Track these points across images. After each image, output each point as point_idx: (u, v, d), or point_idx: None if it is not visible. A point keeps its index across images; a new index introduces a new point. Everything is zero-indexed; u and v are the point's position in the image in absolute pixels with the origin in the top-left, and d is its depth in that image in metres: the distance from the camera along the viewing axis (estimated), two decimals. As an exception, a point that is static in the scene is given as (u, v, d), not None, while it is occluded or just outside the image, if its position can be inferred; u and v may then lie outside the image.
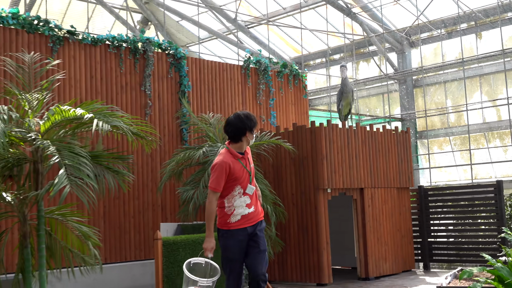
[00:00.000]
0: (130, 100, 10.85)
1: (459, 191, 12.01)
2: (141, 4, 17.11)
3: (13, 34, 9.55)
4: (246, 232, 5.46)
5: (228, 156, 5.48)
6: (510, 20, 15.32)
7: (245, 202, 5.50)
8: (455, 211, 11.89)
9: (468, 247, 11.56)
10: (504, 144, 16.00)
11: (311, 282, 10.21)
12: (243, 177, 5.50)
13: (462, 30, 15.99)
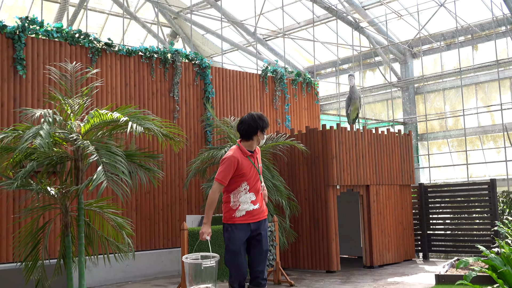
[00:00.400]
0: (160, 105, 10.92)
1: (456, 188, 11.96)
2: (170, 19, 17.21)
3: (57, 46, 9.66)
4: (249, 228, 5.22)
5: (237, 152, 5.29)
6: (503, 34, 15.25)
7: (251, 198, 5.25)
8: (452, 206, 11.84)
9: (464, 239, 11.51)
10: (498, 146, 15.90)
11: (321, 269, 10.21)
12: (251, 174, 5.28)
13: (459, 43, 15.93)
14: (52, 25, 9.69)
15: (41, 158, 5.99)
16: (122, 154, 5.91)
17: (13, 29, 9.13)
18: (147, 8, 17.25)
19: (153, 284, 9.41)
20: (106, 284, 9.62)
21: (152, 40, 17.40)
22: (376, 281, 9.00)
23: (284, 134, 10.70)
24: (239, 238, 5.18)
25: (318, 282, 9.01)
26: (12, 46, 9.14)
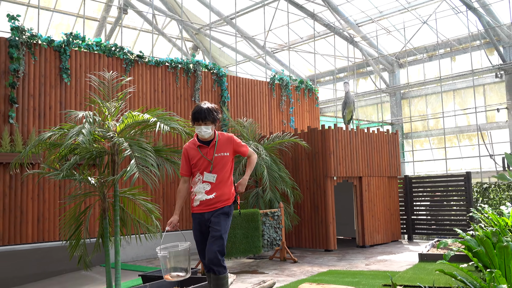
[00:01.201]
0: (184, 107, 10.94)
1: (436, 180, 11.93)
2: (192, 35, 17.22)
3: (97, 58, 9.70)
4: (204, 218, 4.47)
5: (190, 143, 4.64)
6: (478, 47, 15.17)
7: (204, 188, 4.45)
8: (433, 195, 11.80)
9: (443, 223, 11.47)
10: (472, 144, 15.82)
11: (320, 248, 10.20)
12: (200, 164, 4.48)
13: (440, 55, 15.87)
14: (92, 39, 9.74)
15: (83, 153, 6.01)
16: (151, 149, 5.92)
17: (59, 43, 9.18)
18: (173, 26, 17.27)
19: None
20: (137, 259, 9.67)
21: (177, 53, 17.43)
22: (368, 258, 8.98)
23: (289, 133, 10.70)
24: (195, 228, 4.57)
25: (317, 259, 9.01)
26: (58, 57, 9.19)
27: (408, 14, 15.68)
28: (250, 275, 7.53)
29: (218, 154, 4.50)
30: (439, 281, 6.16)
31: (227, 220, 4.44)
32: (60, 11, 15.00)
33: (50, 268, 8.46)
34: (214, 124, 4.47)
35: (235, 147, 4.59)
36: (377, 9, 15.73)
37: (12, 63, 8.60)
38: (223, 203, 4.45)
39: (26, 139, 8.59)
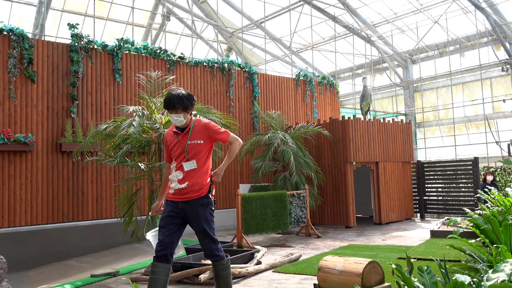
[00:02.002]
0: (220, 102, 10.98)
1: (446, 164, 11.67)
2: (227, 38, 17.21)
3: (144, 59, 9.80)
4: (177, 206, 3.70)
5: (169, 129, 3.94)
6: (486, 44, 14.67)
7: (177, 177, 3.72)
8: (443, 178, 11.56)
9: (453, 203, 11.23)
10: (480, 132, 15.38)
11: (341, 225, 10.14)
12: (175, 152, 3.81)
13: (450, 51, 15.43)
14: (140, 44, 9.85)
15: (133, 142, 6.11)
16: (192, 138, 5.97)
17: (112, 48, 9.32)
18: (209, 30, 17.29)
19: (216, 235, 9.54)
20: (181, 234, 9.80)
21: (213, 54, 17.46)
22: (384, 234, 8.88)
23: (312, 123, 10.63)
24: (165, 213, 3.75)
25: (339, 235, 8.97)
26: (112, 60, 9.32)
27: (420, 15, 15.29)
28: (279, 248, 7.56)
29: (191, 142, 3.77)
30: (449, 255, 6.06)
31: (205, 210, 3.72)
32: (112, 19, 15.20)
33: (108, 241, 8.67)
34: (186, 111, 3.75)
35: (211, 134, 3.81)
36: (392, 10, 15.38)
37: (72, 65, 8.78)
38: (196, 194, 3.69)
39: (86, 130, 8.78)
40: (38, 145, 8.30)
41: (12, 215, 7.94)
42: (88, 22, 14.49)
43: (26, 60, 8.24)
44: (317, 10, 15.09)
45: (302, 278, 5.32)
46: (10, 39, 8.16)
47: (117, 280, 5.65)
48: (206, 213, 3.70)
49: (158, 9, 15.67)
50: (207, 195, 3.76)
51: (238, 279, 5.39)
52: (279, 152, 9.82)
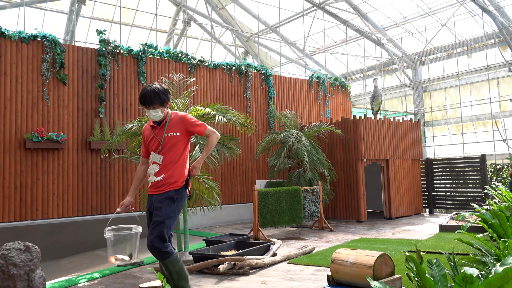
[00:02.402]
0: (237, 102, 10.98)
1: (454, 162, 11.47)
2: (244, 42, 17.20)
3: (167, 63, 9.85)
4: (152, 199, 3.56)
5: (147, 124, 3.72)
6: (492, 45, 14.37)
7: (154, 170, 3.53)
8: (451, 175, 11.36)
9: (461, 199, 11.03)
10: (487, 130, 15.09)
11: (353, 219, 10.06)
12: (151, 145, 3.60)
13: (458, 53, 15.16)
14: (163, 48, 9.90)
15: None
16: (212, 137, 5.98)
17: (137, 52, 9.38)
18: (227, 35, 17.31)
19: (233, 228, 9.56)
20: (201, 227, 9.86)
21: (231, 57, 17.48)
22: (394, 228, 8.78)
23: (325, 123, 10.56)
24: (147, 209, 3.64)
25: (350, 228, 8.90)
26: (137, 63, 9.40)
27: (429, 18, 15.05)
28: (294, 241, 7.53)
29: (168, 134, 3.55)
30: (457, 248, 5.95)
31: (171, 205, 3.45)
32: (137, 26, 15.32)
33: (133, 233, 8.75)
34: (163, 106, 3.54)
35: (187, 126, 3.58)
36: (401, 14, 15.17)
37: (100, 69, 8.87)
38: (170, 186, 3.48)
39: (113, 129, 8.86)
40: (69, 143, 8.42)
41: (45, 208, 8.07)
42: (114, 28, 14.64)
43: (58, 64, 8.36)
44: (329, 15, 14.97)
45: (315, 270, 5.29)
46: (44, 44, 8.28)
47: (142, 269, 5.70)
48: (171, 207, 3.44)
49: (180, 15, 15.75)
50: (183, 188, 3.53)
51: (255, 270, 5.38)
52: (294, 150, 9.78)
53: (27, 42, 8.12)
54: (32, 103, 8.09)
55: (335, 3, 14.61)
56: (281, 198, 8.15)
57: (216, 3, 15.82)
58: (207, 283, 4.82)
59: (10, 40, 7.98)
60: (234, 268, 5.21)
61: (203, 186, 6.38)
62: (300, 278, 4.90)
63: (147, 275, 5.37)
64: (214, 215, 10.00)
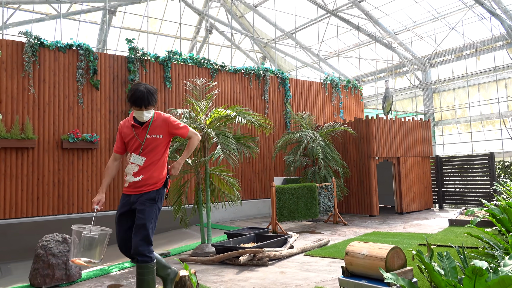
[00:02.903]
0: (256, 104, 10.99)
1: (463, 159, 11.23)
2: (261, 48, 17.19)
3: (190, 68, 9.92)
4: (129, 199, 3.28)
5: (126, 120, 3.40)
6: (500, 47, 14.00)
7: (132, 170, 3.27)
8: (461, 172, 11.12)
9: (470, 195, 10.79)
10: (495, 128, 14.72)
11: (365, 214, 9.95)
12: (132, 145, 3.32)
13: (466, 55, 14.83)
14: (187, 55, 9.97)
15: (182, 140, 6.19)
16: (232, 137, 6.00)
17: (163, 58, 9.48)
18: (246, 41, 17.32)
19: (253, 221, 9.57)
20: (223, 221, 9.90)
21: (250, 62, 17.48)
22: (405, 222, 8.65)
23: (339, 123, 10.47)
24: (119, 209, 3.33)
25: (363, 223, 8.81)
26: (162, 69, 9.49)
27: (438, 22, 14.76)
28: (309, 234, 7.49)
29: (150, 136, 3.31)
30: (467, 242, 5.83)
31: (153, 206, 3.26)
32: (163, 34, 15.47)
33: (160, 226, 8.83)
34: (154, 106, 3.33)
35: (170, 129, 3.37)
36: (411, 19, 14.92)
37: (129, 74, 8.99)
38: (150, 187, 3.28)
39: (141, 130, 8.95)
40: (102, 143, 8.56)
41: (80, 202, 8.23)
42: (142, 37, 14.81)
43: (91, 71, 8.51)
44: (342, 21, 14.84)
45: (330, 261, 5.25)
46: (78, 53, 8.44)
47: (169, 260, 5.76)
48: (153, 208, 3.24)
49: (202, 24, 15.83)
50: (162, 187, 3.36)
51: (274, 261, 5.38)
52: (309, 149, 9.73)
53: (63, 51, 8.29)
54: (68, 107, 8.26)
55: (347, 9, 14.47)
56: (298, 194, 8.12)
57: (236, 12, 15.85)
58: (229, 273, 4.83)
59: (48, 50, 8.16)
60: (253, 259, 5.21)
61: (224, 183, 6.41)
62: (316, 269, 4.87)
63: (173, 265, 5.42)
64: (234, 210, 10.03)
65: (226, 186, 6.42)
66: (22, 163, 7.72)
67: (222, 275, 4.74)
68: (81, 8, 12.72)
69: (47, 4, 12.08)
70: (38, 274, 4.47)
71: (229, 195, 6.41)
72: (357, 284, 3.72)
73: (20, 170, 7.68)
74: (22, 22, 12.02)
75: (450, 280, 2.74)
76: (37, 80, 8.02)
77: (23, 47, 7.90)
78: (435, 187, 11.37)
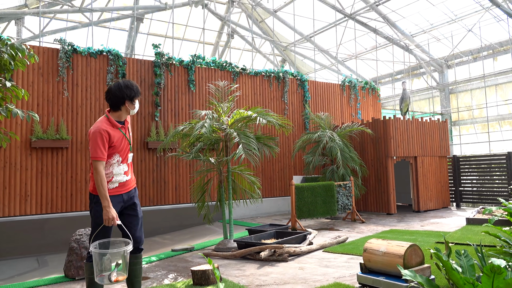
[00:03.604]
0: (276, 106, 10.97)
1: (481, 158, 10.91)
2: (281, 51, 17.15)
3: (213, 71, 9.99)
4: (121, 199, 3.17)
5: (106, 124, 3.13)
6: (518, 48, 13.55)
7: (124, 170, 3.18)
8: (478, 171, 10.82)
9: (487, 194, 10.49)
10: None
11: (383, 212, 9.80)
12: (122, 145, 3.19)
13: (483, 56, 14.41)
14: (209, 58, 10.03)
15: (205, 140, 6.23)
16: (253, 137, 6.00)
17: (187, 62, 9.57)
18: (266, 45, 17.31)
19: (273, 218, 9.56)
20: (244, 217, 9.92)
21: (270, 65, 17.46)
22: (422, 221, 8.48)
23: (356, 123, 10.34)
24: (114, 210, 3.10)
25: (381, 220, 8.67)
26: (187, 72, 9.58)
27: (455, 24, 14.39)
28: (328, 231, 7.43)
29: (130, 133, 3.35)
30: (484, 240, 5.67)
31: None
32: (187, 39, 15.63)
33: (184, 222, 8.93)
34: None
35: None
36: (428, 22, 14.60)
37: (156, 78, 9.12)
38: (134, 183, 3.32)
39: (167, 131, 9.08)
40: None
41: (110, 199, 8.37)
42: (168, 42, 15.01)
43: (120, 75, 8.67)
44: (360, 24, 14.67)
45: (349, 258, 5.20)
46: (108, 58, 8.61)
47: (193, 254, 5.81)
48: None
49: (224, 29, 15.91)
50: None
51: (293, 257, 5.36)
52: (328, 148, 9.65)
53: (95, 56, 8.47)
54: (99, 109, 8.43)
55: (365, 13, 14.28)
56: (316, 192, 8.07)
57: (257, 17, 15.87)
58: (250, 268, 4.84)
59: (81, 55, 8.36)
60: (274, 255, 5.21)
61: (245, 181, 6.42)
62: (335, 265, 4.83)
63: (197, 259, 5.47)
64: (255, 207, 10.04)
65: (247, 184, 6.42)
66: (57, 162, 7.93)
67: (243, 270, 4.76)
68: (111, 16, 12.98)
69: (80, 13, 12.38)
70: (72, 266, 4.58)
71: (250, 192, 6.41)
72: (375, 280, 3.67)
73: (55, 168, 7.90)
74: (57, 30, 12.35)
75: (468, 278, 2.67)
76: (71, 84, 8.22)
77: (58, 54, 8.12)
78: (452, 186, 11.10)
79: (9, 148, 7.52)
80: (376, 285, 3.65)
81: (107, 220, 2.98)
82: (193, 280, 4.08)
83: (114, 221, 3.02)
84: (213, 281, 4.02)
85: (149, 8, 12.72)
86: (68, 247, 4.71)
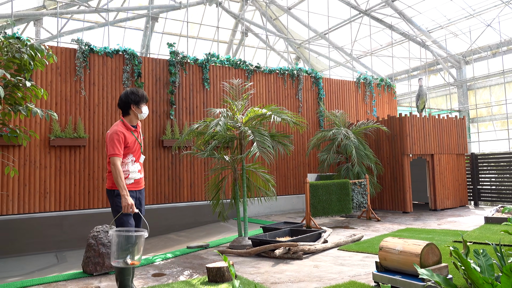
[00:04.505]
0: (290, 103, 10.93)
1: (500, 156, 10.67)
2: (295, 48, 17.07)
3: (227, 70, 10.00)
4: (134, 195, 3.58)
5: (121, 127, 3.57)
6: (539, 43, 13.18)
7: (138, 168, 3.62)
8: (497, 169, 10.59)
9: (506, 192, 10.26)
10: (534, 126, 13.88)
11: (399, 210, 9.68)
12: (135, 147, 3.61)
13: (503, 51, 14.07)
14: (224, 57, 10.05)
15: (220, 138, 6.25)
16: (268, 135, 6.00)
17: (202, 61, 9.61)
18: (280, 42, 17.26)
19: (287, 216, 9.54)
20: (258, 215, 9.93)
21: (284, 63, 17.41)
22: (439, 219, 8.34)
23: (372, 120, 10.24)
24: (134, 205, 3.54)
25: (397, 219, 8.57)
26: (201, 71, 9.62)
27: (473, 19, 14.09)
28: (343, 230, 7.39)
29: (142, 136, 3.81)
30: (504, 240, 5.54)
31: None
32: (201, 38, 15.70)
33: (199, 219, 8.98)
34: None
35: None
36: (445, 17, 14.32)
37: (171, 76, 9.19)
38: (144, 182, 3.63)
39: (181, 129, 9.15)
40: (146, 141, 8.80)
41: (127, 197, 8.48)
42: (182, 41, 15.09)
43: (136, 74, 8.77)
44: (375, 20, 14.48)
45: (364, 256, 5.15)
46: (124, 57, 8.72)
47: (208, 251, 5.84)
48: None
49: (238, 27, 15.92)
50: None
51: (308, 255, 5.34)
52: (342, 146, 9.58)
53: (111, 56, 8.58)
54: (115, 108, 8.54)
55: (380, 9, 14.10)
56: (331, 190, 8.02)
57: (271, 15, 15.83)
58: (265, 266, 4.85)
59: (97, 55, 8.48)
60: (288, 252, 5.20)
61: (260, 179, 6.42)
62: (350, 263, 4.80)
63: (212, 256, 5.50)
64: (270, 204, 10.04)
65: (262, 182, 6.42)
66: (75, 160, 8.08)
67: (258, 267, 4.76)
68: (127, 15, 13.12)
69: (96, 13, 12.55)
70: (90, 262, 4.66)
71: (264, 190, 6.41)
72: (391, 279, 3.63)
73: (73, 166, 8.04)
74: (74, 30, 12.55)
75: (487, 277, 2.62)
76: (88, 83, 8.35)
77: (75, 53, 8.25)
78: (470, 184, 10.89)
79: (28, 147, 7.69)
80: (392, 283, 3.61)
81: (126, 207, 3.31)
82: (208, 277, 4.10)
83: (133, 207, 3.35)
84: (228, 278, 4.04)
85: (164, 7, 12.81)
86: (86, 243, 4.79)
